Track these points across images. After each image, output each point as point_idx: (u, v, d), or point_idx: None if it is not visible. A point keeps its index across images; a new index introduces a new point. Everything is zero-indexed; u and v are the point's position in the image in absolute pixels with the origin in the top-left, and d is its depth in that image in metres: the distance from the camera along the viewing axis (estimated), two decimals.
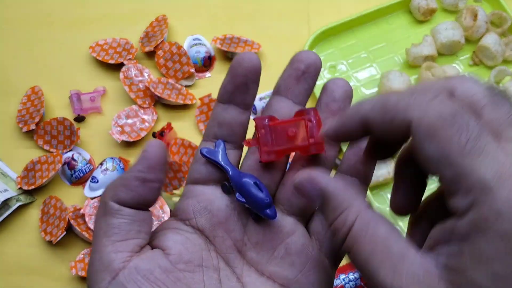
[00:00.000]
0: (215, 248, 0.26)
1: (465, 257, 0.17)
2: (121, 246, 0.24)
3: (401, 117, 0.19)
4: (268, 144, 0.26)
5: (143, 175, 0.24)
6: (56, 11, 0.58)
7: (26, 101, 0.53)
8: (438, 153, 0.18)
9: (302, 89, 0.27)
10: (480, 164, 0.17)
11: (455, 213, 0.18)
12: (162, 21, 0.56)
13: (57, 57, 0.56)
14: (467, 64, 0.54)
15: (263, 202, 0.25)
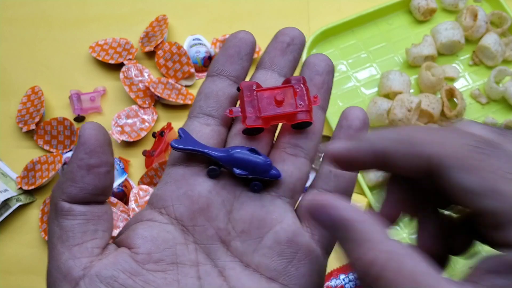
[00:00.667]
0: (194, 239, 0.24)
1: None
2: (78, 251, 0.22)
3: (425, 150, 0.18)
4: (254, 109, 0.25)
5: (85, 161, 0.22)
6: (56, 11, 0.58)
7: (26, 101, 0.53)
8: (480, 184, 0.17)
9: (287, 61, 0.26)
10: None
11: (505, 246, 0.17)
12: (162, 21, 0.56)
13: (57, 57, 0.56)
14: (467, 64, 0.54)
15: (266, 163, 0.24)
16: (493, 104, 0.52)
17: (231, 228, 0.24)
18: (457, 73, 0.53)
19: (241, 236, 0.24)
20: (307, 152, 0.25)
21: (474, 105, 0.52)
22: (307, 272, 0.24)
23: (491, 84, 0.51)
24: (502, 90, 0.50)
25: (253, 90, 0.25)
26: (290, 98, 0.25)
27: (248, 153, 0.24)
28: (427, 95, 0.49)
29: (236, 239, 0.24)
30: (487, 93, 0.52)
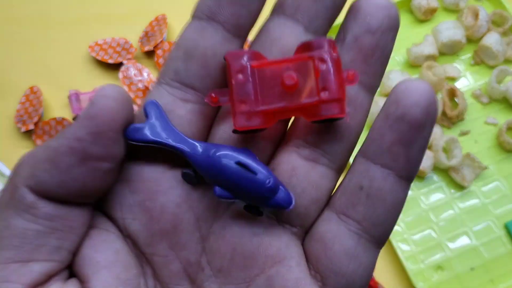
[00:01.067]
0: (153, 272, 0.17)
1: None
2: (16, 272, 0.14)
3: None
4: (248, 99, 0.16)
5: (83, 146, 0.15)
6: (55, 10, 0.58)
7: (25, 101, 0.53)
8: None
9: (323, 8, 0.17)
10: None
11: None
12: (162, 21, 0.56)
13: (56, 56, 0.56)
14: (468, 63, 0.54)
15: (268, 186, 0.16)
16: (494, 104, 0.52)
17: (205, 263, 0.17)
18: (458, 73, 0.53)
19: (219, 277, 0.17)
20: (333, 158, 0.18)
21: (476, 105, 0.52)
22: None
23: (493, 84, 0.50)
24: (504, 89, 0.50)
25: (247, 66, 0.16)
26: (309, 78, 0.16)
27: (239, 161, 0.16)
28: None
29: (211, 280, 0.17)
30: (489, 93, 0.51)
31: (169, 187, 0.17)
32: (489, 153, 0.50)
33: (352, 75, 0.17)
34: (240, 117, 0.16)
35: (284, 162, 0.18)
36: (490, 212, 0.47)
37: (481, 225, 0.47)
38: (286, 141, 0.18)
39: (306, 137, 0.18)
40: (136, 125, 0.17)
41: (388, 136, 0.17)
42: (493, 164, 0.49)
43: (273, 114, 0.17)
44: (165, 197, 0.17)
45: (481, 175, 0.48)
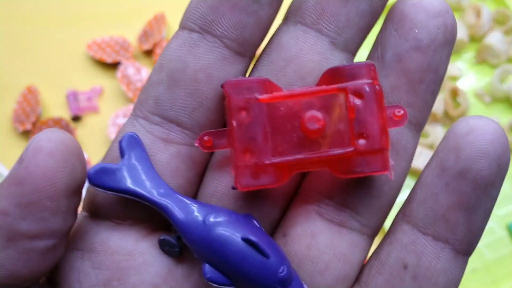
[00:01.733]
0: None
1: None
2: None
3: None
4: (255, 148, 0.12)
5: (10, 222, 0.11)
6: (52, 8, 0.58)
7: (22, 101, 0.52)
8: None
9: (354, 15, 0.13)
10: None
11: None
12: (161, 19, 0.55)
13: (54, 55, 0.55)
14: (470, 62, 0.53)
15: (276, 276, 0.11)
16: (497, 104, 0.51)
17: None
18: (460, 72, 0.52)
19: None
20: (366, 221, 0.13)
21: (478, 104, 0.51)
22: None
23: (495, 83, 0.50)
24: (507, 89, 0.50)
25: (254, 101, 0.12)
26: (339, 119, 0.12)
27: (242, 238, 0.12)
28: None
29: None
30: (491, 92, 0.51)
31: (144, 263, 0.12)
32: None
33: (399, 115, 0.12)
34: (243, 173, 0.11)
35: (300, 226, 0.13)
36: (492, 213, 0.47)
37: None
38: (302, 196, 0.13)
39: (331, 191, 0.12)
40: (106, 165, 0.12)
41: (445, 198, 0.13)
42: None
43: (288, 167, 0.12)
44: (139, 276, 0.12)
45: None
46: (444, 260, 0.13)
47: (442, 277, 0.13)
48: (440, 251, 0.13)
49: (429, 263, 0.13)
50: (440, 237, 0.13)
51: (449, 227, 0.13)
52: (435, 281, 0.13)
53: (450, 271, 0.13)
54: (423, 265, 0.13)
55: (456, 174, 0.13)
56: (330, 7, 0.13)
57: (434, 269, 0.13)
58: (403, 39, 0.13)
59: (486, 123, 0.12)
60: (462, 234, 0.13)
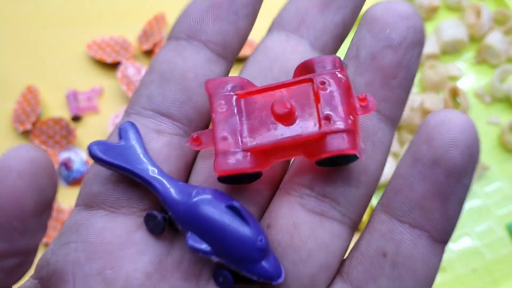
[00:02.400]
0: None
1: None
2: None
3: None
4: (232, 136, 0.13)
5: None
6: (52, 8, 0.58)
7: (22, 101, 0.52)
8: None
9: (330, 24, 0.15)
10: None
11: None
12: (161, 19, 0.55)
13: (54, 55, 0.55)
14: (470, 62, 0.53)
15: (255, 243, 0.12)
16: (497, 104, 0.51)
17: None
18: (460, 72, 0.52)
19: None
20: (346, 210, 0.14)
21: (478, 104, 0.51)
22: None
23: (495, 83, 0.50)
24: (507, 89, 0.50)
25: (232, 96, 0.13)
26: (309, 106, 0.13)
27: (223, 210, 0.13)
28: (430, 95, 0.49)
29: None
30: (491, 92, 0.51)
31: (138, 251, 0.13)
32: (491, 153, 0.49)
33: (364, 99, 0.13)
34: (221, 157, 0.12)
35: (283, 217, 0.14)
36: (492, 213, 0.47)
37: (483, 226, 0.46)
38: (285, 187, 0.14)
39: (312, 183, 0.14)
40: (108, 142, 0.14)
41: (419, 187, 0.13)
42: (496, 164, 0.49)
43: (266, 154, 0.13)
44: (132, 264, 0.13)
45: (483, 175, 0.48)
46: (421, 247, 0.14)
47: (420, 265, 0.14)
48: (417, 239, 0.14)
49: (407, 250, 0.14)
50: (416, 225, 0.14)
51: (425, 215, 0.14)
52: (414, 269, 0.14)
53: (428, 259, 0.14)
54: (401, 253, 0.14)
55: (429, 163, 0.13)
56: (309, 17, 0.14)
57: (412, 256, 0.14)
58: (376, 39, 0.14)
59: (456, 115, 0.14)
60: (438, 221, 0.14)
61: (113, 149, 0.13)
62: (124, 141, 0.14)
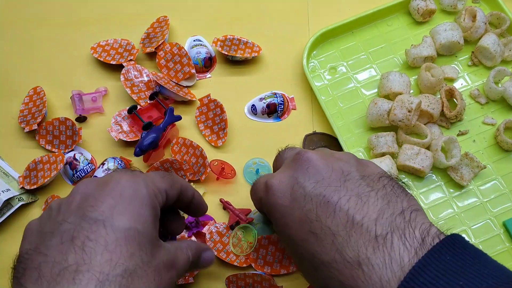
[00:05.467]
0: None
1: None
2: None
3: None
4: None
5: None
6: (58, 12, 0.59)
7: (28, 102, 0.53)
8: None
9: None
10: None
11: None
12: (163, 22, 0.56)
13: (59, 57, 0.56)
14: (466, 64, 0.54)
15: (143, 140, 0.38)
16: (492, 104, 0.52)
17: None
18: (456, 74, 0.53)
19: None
20: None
21: (474, 105, 0.52)
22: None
23: (490, 84, 0.51)
24: (501, 90, 0.50)
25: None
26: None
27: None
28: (427, 96, 0.50)
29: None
30: (486, 93, 0.52)
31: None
32: (487, 153, 0.50)
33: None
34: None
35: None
36: (489, 211, 0.48)
37: (480, 223, 0.47)
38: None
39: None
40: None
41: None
42: (491, 163, 0.50)
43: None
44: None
45: (479, 174, 0.49)
46: None
47: None
48: None
49: None
50: None
51: None
52: None
53: None
54: None
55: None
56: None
57: None
58: None
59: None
60: None
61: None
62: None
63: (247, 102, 0.53)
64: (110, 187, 0.30)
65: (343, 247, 0.28)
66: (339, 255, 0.28)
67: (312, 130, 0.52)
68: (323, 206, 0.30)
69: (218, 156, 0.51)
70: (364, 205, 0.30)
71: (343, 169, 0.32)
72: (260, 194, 0.35)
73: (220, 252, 0.45)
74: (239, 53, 0.54)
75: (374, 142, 0.49)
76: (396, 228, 0.28)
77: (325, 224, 0.29)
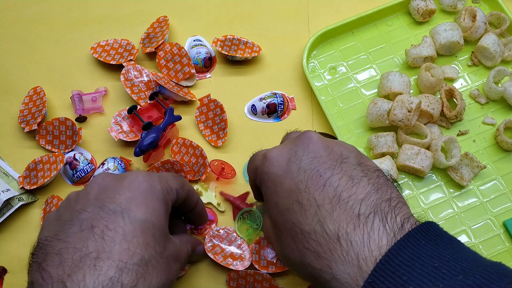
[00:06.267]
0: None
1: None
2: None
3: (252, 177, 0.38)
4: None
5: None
6: (58, 12, 0.59)
7: (28, 102, 0.53)
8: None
9: None
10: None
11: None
12: (163, 22, 0.56)
13: (59, 57, 0.56)
14: (466, 64, 0.54)
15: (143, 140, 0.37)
16: (492, 104, 0.52)
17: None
18: (456, 74, 0.53)
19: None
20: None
21: (474, 105, 0.52)
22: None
23: (490, 84, 0.51)
24: (501, 90, 0.50)
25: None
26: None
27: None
28: (426, 96, 0.50)
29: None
30: (486, 93, 0.52)
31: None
32: (487, 153, 0.50)
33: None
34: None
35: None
36: (489, 211, 0.48)
37: (480, 223, 0.47)
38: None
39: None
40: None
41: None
42: (491, 163, 0.50)
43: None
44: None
45: (479, 174, 0.49)
46: None
47: None
48: None
49: None
50: None
51: None
52: None
53: None
54: None
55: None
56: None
57: None
58: None
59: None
60: None
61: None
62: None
63: (247, 102, 0.53)
64: (127, 181, 0.33)
65: (325, 219, 0.29)
66: (319, 227, 0.29)
67: (312, 130, 0.52)
68: (314, 179, 0.31)
69: (218, 156, 0.51)
70: (354, 186, 0.30)
71: (342, 153, 0.33)
72: (257, 163, 0.36)
73: (217, 255, 0.45)
74: (239, 53, 0.54)
75: (374, 142, 0.49)
76: (380, 210, 0.29)
77: (312, 195, 0.30)
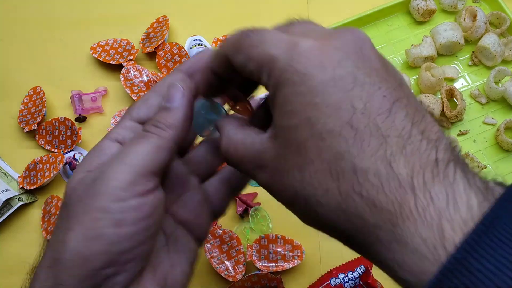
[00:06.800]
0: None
1: (275, 111, 0.22)
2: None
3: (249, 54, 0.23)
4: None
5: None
6: (58, 12, 0.59)
7: (28, 102, 0.53)
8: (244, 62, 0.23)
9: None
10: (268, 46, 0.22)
11: (267, 88, 0.23)
12: (163, 22, 0.56)
13: (59, 57, 0.56)
14: (466, 64, 0.54)
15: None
16: (492, 104, 0.52)
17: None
18: (456, 74, 0.53)
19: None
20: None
21: (474, 105, 0.52)
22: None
23: (491, 84, 0.51)
24: (502, 90, 0.50)
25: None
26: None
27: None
28: (427, 96, 0.50)
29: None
30: (487, 93, 0.52)
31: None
32: (487, 153, 0.50)
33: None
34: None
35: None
36: None
37: None
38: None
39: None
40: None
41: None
42: (492, 163, 0.49)
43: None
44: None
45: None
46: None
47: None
48: None
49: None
50: None
51: None
52: None
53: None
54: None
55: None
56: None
57: None
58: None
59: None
60: None
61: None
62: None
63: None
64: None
65: (395, 158, 0.20)
66: (385, 166, 0.20)
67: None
68: (376, 100, 0.21)
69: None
70: (423, 120, 0.22)
71: (396, 74, 0.23)
72: (273, 50, 0.22)
73: (213, 258, 0.45)
74: None
75: None
76: (457, 158, 0.21)
77: (373, 121, 0.21)
